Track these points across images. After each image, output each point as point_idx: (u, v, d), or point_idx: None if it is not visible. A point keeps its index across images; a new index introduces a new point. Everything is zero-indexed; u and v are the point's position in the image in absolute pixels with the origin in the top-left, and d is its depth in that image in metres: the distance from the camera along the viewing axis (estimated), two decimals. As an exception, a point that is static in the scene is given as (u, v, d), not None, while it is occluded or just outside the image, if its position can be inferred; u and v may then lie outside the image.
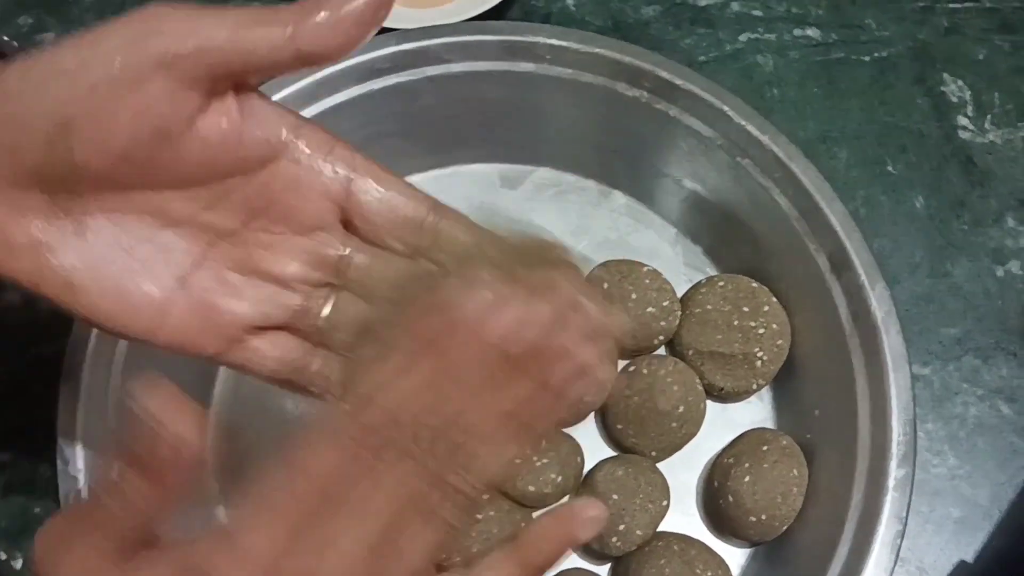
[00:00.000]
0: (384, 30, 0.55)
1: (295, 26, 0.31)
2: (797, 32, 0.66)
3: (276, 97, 0.53)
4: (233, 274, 0.36)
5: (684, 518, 0.54)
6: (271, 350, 0.37)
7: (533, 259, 0.31)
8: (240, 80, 0.33)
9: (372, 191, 0.36)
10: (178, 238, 0.35)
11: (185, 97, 0.31)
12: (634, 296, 0.54)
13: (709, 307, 0.55)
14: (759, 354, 0.53)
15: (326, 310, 0.37)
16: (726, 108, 0.54)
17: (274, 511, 0.28)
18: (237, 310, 0.36)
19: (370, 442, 0.28)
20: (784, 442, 0.52)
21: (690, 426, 0.53)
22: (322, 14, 0.31)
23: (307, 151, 0.35)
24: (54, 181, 0.32)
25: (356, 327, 0.37)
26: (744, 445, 0.53)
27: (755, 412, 0.57)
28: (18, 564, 0.51)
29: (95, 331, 0.48)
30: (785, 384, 0.56)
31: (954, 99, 0.64)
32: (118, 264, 0.34)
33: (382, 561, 0.29)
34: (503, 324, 0.29)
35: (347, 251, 0.37)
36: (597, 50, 0.55)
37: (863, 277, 0.51)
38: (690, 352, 0.55)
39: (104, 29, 0.31)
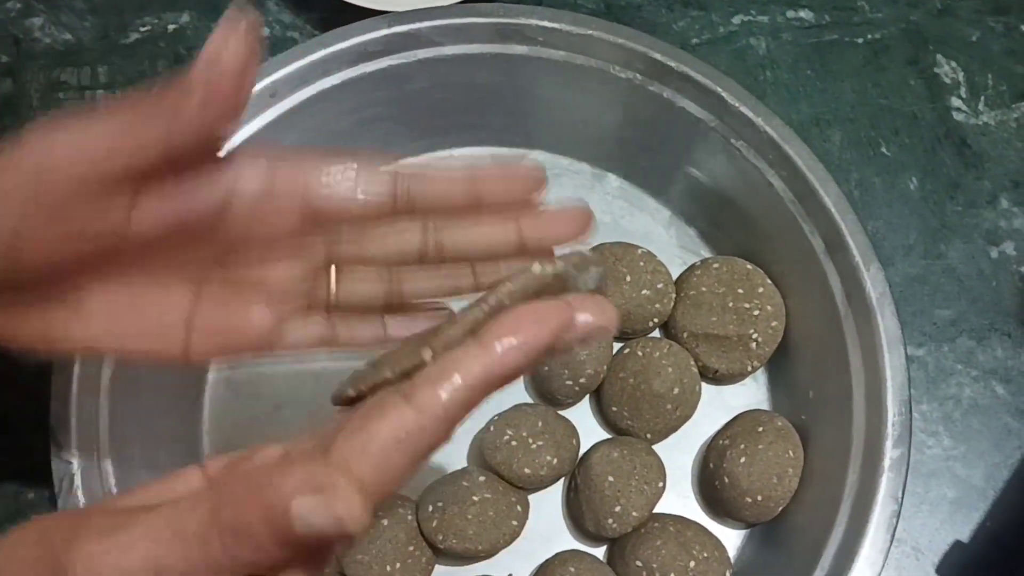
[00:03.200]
0: (375, 12, 0.54)
1: (174, 117, 0.30)
2: (790, 14, 0.66)
3: (266, 82, 0.52)
4: (235, 291, 0.37)
5: (680, 500, 0.54)
6: (304, 333, 0.38)
7: None
8: (149, 171, 0.32)
9: (329, 184, 0.36)
10: (170, 281, 0.36)
11: (109, 206, 0.31)
12: (628, 279, 0.54)
13: (704, 289, 0.55)
14: (754, 336, 0.53)
15: (333, 287, 0.39)
16: (720, 90, 0.54)
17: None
18: (249, 323, 0.37)
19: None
20: (779, 423, 0.52)
21: (685, 408, 0.53)
22: (196, 98, 0.30)
23: (250, 184, 0.35)
24: (31, 284, 0.33)
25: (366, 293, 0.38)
26: (739, 427, 0.53)
27: (750, 394, 0.57)
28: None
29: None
30: (780, 366, 0.56)
31: (947, 81, 0.64)
32: (128, 317, 0.35)
33: None
34: None
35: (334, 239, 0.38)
36: (590, 32, 0.54)
37: (858, 258, 0.51)
38: (685, 334, 0.55)
39: (3, 171, 0.30)
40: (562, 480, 0.54)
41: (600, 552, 0.53)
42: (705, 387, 0.55)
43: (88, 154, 0.30)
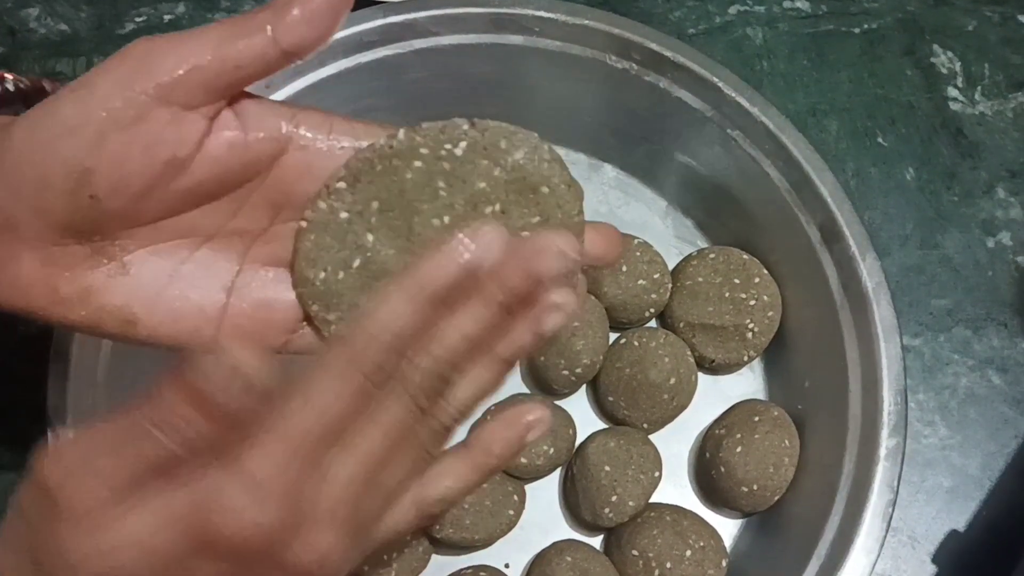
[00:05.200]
0: (371, 2, 0.54)
1: (274, 29, 0.32)
2: (787, 4, 0.65)
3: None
4: (274, 270, 0.37)
5: (676, 489, 0.54)
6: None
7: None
8: (235, 91, 0.33)
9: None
10: (214, 252, 0.36)
11: (188, 122, 0.32)
12: (625, 269, 0.54)
13: (700, 279, 0.55)
14: (750, 326, 0.53)
15: None
16: (716, 80, 0.54)
17: (282, 440, 0.29)
18: (286, 303, 0.37)
19: (370, 371, 0.30)
20: (775, 413, 0.52)
21: (682, 398, 0.53)
22: (295, 11, 0.32)
23: (309, 136, 0.35)
24: (86, 230, 0.33)
25: None
26: (735, 416, 0.53)
27: (746, 384, 0.57)
28: (9, 541, 0.50)
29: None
30: (776, 356, 0.56)
31: (944, 70, 0.64)
32: (167, 290, 0.35)
33: (372, 486, 0.31)
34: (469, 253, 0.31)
35: None
36: (586, 22, 0.54)
37: (854, 248, 0.51)
38: (681, 324, 0.55)
39: (96, 73, 0.32)
40: (559, 470, 0.54)
41: (597, 541, 0.53)
42: (701, 377, 0.55)
43: (191, 59, 0.31)
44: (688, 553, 0.49)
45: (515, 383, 0.56)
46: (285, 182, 0.36)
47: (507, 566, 0.53)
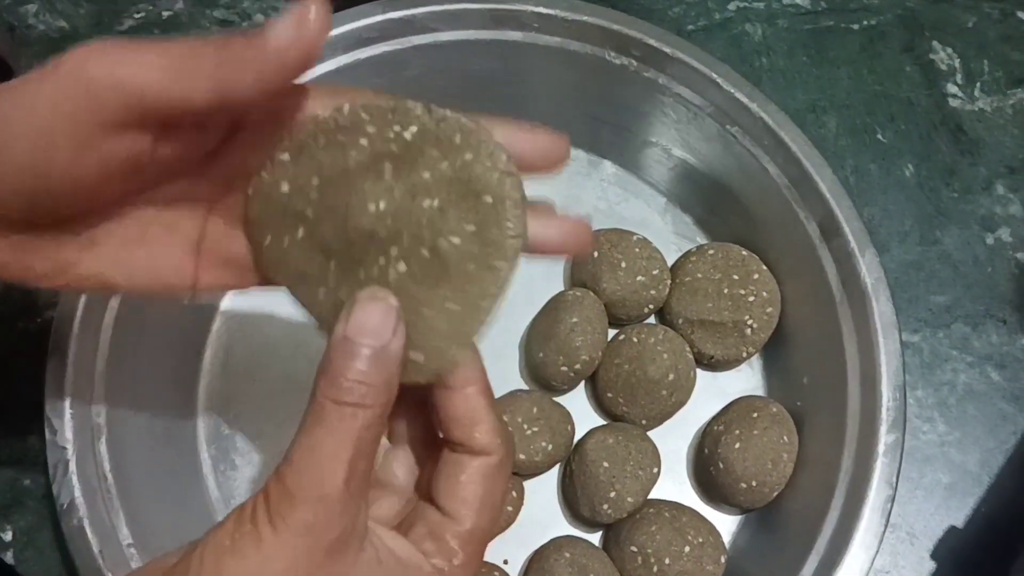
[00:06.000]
0: (370, -2, 0.54)
1: (219, 79, 0.30)
2: (786, 0, 0.65)
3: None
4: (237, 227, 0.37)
5: (675, 486, 0.54)
6: None
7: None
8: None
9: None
10: (178, 213, 0.36)
11: (139, 136, 0.31)
12: (624, 265, 0.54)
13: (699, 275, 0.55)
14: (749, 322, 0.53)
15: None
16: (715, 76, 0.54)
17: None
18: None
19: None
20: (774, 409, 0.52)
21: (680, 394, 0.53)
22: (249, 64, 0.30)
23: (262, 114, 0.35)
24: (47, 222, 0.33)
25: None
26: (734, 413, 0.53)
27: (745, 380, 0.57)
28: (8, 536, 0.50)
29: (82, 304, 0.48)
30: (775, 352, 0.56)
31: (943, 67, 0.64)
32: (138, 252, 0.35)
33: None
34: None
35: None
36: (585, 18, 0.54)
37: (853, 244, 0.51)
38: (680, 320, 0.55)
39: (33, 84, 0.30)
40: (557, 466, 0.54)
41: (595, 538, 0.53)
42: (700, 373, 0.55)
43: (139, 87, 0.29)
44: (687, 549, 0.49)
45: (514, 379, 0.56)
46: (241, 156, 0.35)
47: (506, 562, 0.53)
